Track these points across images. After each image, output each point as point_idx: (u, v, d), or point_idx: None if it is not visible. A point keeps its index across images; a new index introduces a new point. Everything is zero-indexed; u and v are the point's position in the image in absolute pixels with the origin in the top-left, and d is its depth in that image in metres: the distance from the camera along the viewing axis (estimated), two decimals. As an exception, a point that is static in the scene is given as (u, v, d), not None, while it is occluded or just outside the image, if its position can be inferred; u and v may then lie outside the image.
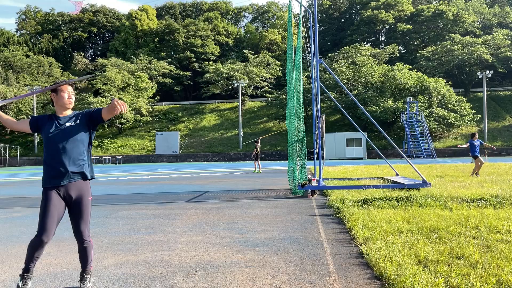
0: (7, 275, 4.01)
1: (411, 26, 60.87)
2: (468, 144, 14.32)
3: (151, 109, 53.99)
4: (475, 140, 13.89)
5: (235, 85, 49.68)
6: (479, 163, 13.36)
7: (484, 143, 15.00)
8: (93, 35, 79.57)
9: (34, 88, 49.22)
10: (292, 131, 11.03)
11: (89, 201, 3.44)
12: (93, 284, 3.69)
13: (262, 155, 43.89)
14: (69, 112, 3.43)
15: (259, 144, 21.94)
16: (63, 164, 3.28)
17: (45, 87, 3.33)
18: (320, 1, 71.11)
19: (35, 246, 3.33)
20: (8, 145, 45.15)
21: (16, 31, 77.38)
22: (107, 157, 44.67)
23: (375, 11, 62.49)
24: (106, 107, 3.29)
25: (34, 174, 24.72)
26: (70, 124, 3.34)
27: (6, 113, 50.29)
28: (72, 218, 3.43)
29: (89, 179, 3.45)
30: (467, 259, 3.83)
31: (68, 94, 3.39)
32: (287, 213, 7.38)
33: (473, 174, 13.25)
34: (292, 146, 11.10)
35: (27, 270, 3.38)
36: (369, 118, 10.83)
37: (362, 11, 65.63)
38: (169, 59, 61.43)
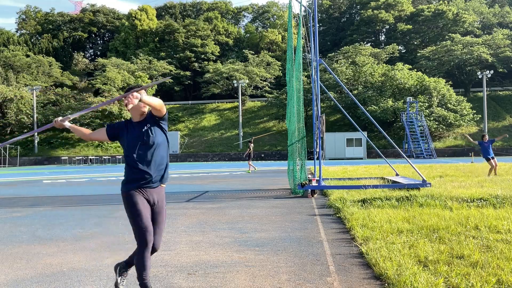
0: (7, 275, 4.01)
1: (411, 26, 60.83)
2: (477, 142, 14.16)
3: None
4: (486, 141, 13.64)
5: (235, 85, 49.67)
6: (490, 167, 13.33)
7: (496, 139, 14.77)
8: (93, 35, 79.53)
9: (34, 87, 49.16)
10: (292, 131, 11.03)
11: (165, 208, 3.42)
12: (93, 284, 3.69)
13: (262, 155, 43.95)
14: (143, 116, 3.32)
15: (252, 145, 22.06)
16: (148, 169, 3.21)
17: (120, 95, 3.08)
18: (320, 1, 71.09)
19: (143, 252, 3.17)
20: (8, 145, 45.16)
21: (16, 31, 77.36)
22: (107, 157, 44.67)
23: (375, 11, 62.45)
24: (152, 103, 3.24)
25: (34, 174, 24.71)
26: (147, 128, 3.26)
27: (6, 113, 50.31)
28: (152, 223, 3.34)
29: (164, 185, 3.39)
30: (467, 259, 3.83)
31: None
32: (287, 213, 7.38)
33: (490, 174, 13.13)
34: (292, 146, 11.10)
35: (141, 278, 3.22)
36: (369, 118, 10.83)
37: (362, 11, 65.59)
38: (169, 59, 61.39)
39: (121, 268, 3.43)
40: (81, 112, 3.62)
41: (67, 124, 3.41)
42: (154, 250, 3.34)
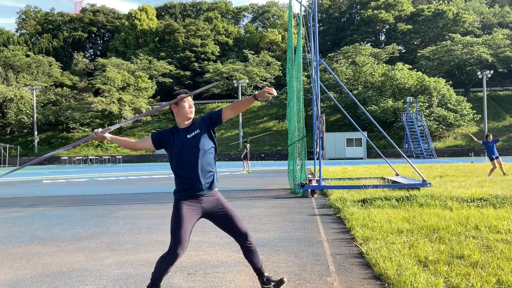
0: (7, 275, 4.01)
1: (411, 26, 60.84)
2: (481, 142, 14.17)
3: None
4: (490, 141, 13.62)
5: (235, 85, 49.67)
6: (492, 167, 13.32)
7: (500, 138, 14.77)
8: (93, 35, 79.55)
9: (34, 87, 49.14)
10: (293, 131, 11.03)
11: (228, 204, 3.30)
12: (93, 284, 3.69)
13: (262, 155, 43.96)
14: (190, 122, 3.22)
15: (248, 145, 22.18)
16: (196, 177, 3.11)
17: (169, 101, 2.97)
18: (320, 1, 71.08)
19: (171, 261, 3.11)
20: (8, 145, 45.13)
21: (16, 31, 77.36)
22: (107, 157, 44.68)
23: (375, 11, 62.45)
24: (241, 101, 3.13)
25: (34, 174, 24.72)
26: (194, 134, 3.14)
27: (6, 113, 50.30)
28: (224, 226, 3.25)
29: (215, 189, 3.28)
30: (467, 259, 3.83)
31: (189, 103, 3.19)
32: (287, 213, 7.38)
33: (490, 174, 13.10)
34: (292, 146, 11.10)
35: (157, 284, 3.15)
36: (369, 118, 10.83)
37: (362, 11, 65.59)
38: (169, 59, 61.41)
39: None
40: (123, 122, 3.65)
41: (107, 135, 3.30)
42: (245, 236, 3.23)
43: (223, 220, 3.23)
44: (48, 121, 50.89)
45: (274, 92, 2.96)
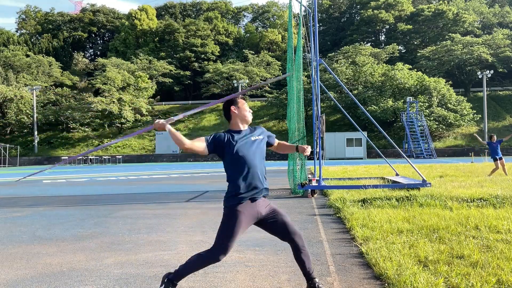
0: (7, 275, 4.01)
1: (411, 26, 60.83)
2: (486, 142, 14.17)
3: (151, 109, 53.99)
4: (494, 141, 13.61)
5: (235, 85, 49.67)
6: (495, 167, 13.31)
7: (504, 138, 14.76)
8: (93, 35, 79.54)
9: (34, 87, 49.14)
10: (293, 131, 11.03)
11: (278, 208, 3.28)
12: (93, 284, 3.69)
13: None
14: (247, 127, 3.23)
15: None
16: (258, 179, 3.10)
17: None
18: (320, 1, 71.08)
19: (208, 263, 3.11)
20: (8, 145, 45.13)
21: (16, 31, 77.34)
22: (107, 156, 44.68)
23: (375, 11, 62.44)
24: (287, 145, 3.46)
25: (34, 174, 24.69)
26: (256, 138, 3.16)
27: (6, 113, 50.29)
28: (278, 231, 3.21)
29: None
30: (467, 259, 3.83)
31: (247, 106, 3.24)
32: (287, 213, 7.37)
33: (491, 174, 13.07)
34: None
35: (178, 279, 3.13)
36: (369, 118, 10.83)
37: (362, 11, 65.58)
38: (169, 59, 61.39)
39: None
40: (188, 112, 3.62)
41: (168, 126, 3.15)
42: (299, 237, 3.19)
43: (274, 224, 3.21)
44: (48, 121, 50.90)
45: (308, 153, 3.36)
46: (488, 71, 44.95)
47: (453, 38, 52.25)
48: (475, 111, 43.74)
